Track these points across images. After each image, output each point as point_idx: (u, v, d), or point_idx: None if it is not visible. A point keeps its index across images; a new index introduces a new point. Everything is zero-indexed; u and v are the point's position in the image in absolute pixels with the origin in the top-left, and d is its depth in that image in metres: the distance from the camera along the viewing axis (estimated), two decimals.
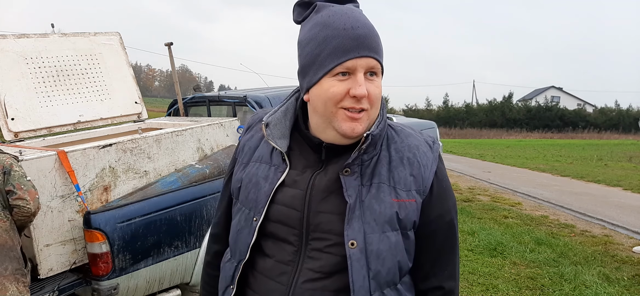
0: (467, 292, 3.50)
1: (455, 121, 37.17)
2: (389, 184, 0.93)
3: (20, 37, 3.06)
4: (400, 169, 0.94)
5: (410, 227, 0.93)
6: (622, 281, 3.68)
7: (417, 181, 0.94)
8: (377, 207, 0.91)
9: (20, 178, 2.10)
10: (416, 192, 0.93)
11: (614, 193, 7.81)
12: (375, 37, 0.90)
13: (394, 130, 1.00)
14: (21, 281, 2.09)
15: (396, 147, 0.97)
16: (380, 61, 0.90)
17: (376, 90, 0.90)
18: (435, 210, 0.95)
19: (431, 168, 0.96)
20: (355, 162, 0.92)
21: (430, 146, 0.99)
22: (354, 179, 0.92)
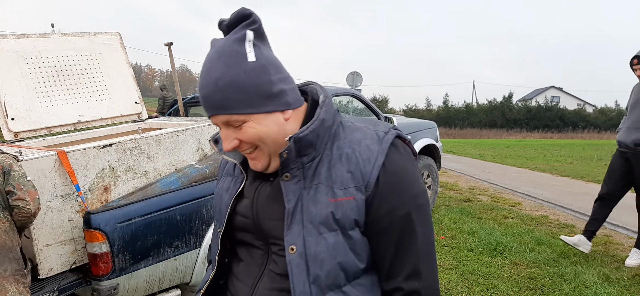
0: (467, 292, 3.50)
1: (455, 121, 37.17)
2: (326, 184, 0.91)
3: (20, 37, 3.06)
4: (338, 167, 0.91)
5: (352, 226, 0.90)
6: (622, 281, 3.68)
7: (354, 177, 0.90)
8: (313, 209, 0.90)
9: (20, 179, 2.10)
10: (355, 188, 0.90)
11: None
12: (221, 91, 0.85)
13: (343, 127, 0.97)
14: (21, 282, 2.09)
15: (339, 144, 0.94)
16: (235, 113, 0.87)
17: (246, 136, 0.89)
18: (384, 204, 0.90)
19: (375, 161, 0.90)
20: (292, 166, 0.92)
21: (379, 138, 0.93)
22: (295, 183, 0.92)
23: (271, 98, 0.87)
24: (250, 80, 0.85)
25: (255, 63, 0.85)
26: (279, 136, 0.90)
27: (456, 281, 3.68)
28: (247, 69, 0.85)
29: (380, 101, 37.45)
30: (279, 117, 0.90)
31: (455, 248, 4.44)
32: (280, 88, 0.88)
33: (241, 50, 0.85)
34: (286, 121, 0.91)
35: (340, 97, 5.65)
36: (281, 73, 0.90)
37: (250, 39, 0.86)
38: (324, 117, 0.92)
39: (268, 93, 0.87)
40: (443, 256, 4.26)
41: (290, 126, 0.92)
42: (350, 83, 15.37)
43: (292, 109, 0.92)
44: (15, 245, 2.10)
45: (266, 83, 0.86)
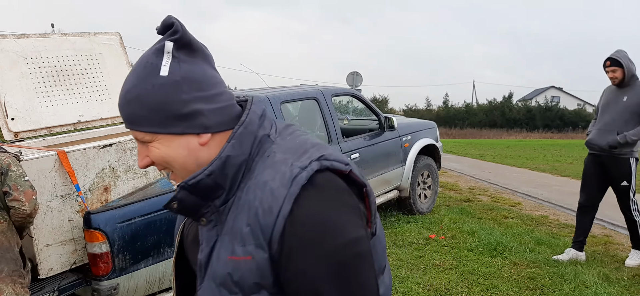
0: (467, 292, 3.50)
1: (455, 121, 37.17)
2: (230, 236, 0.77)
3: (20, 37, 3.06)
4: (240, 216, 0.76)
5: (254, 290, 0.75)
6: (622, 281, 3.68)
7: (253, 232, 0.74)
8: (215, 266, 0.78)
9: (17, 179, 2.08)
10: (255, 246, 0.74)
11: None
12: (128, 105, 0.78)
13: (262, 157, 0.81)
14: (18, 283, 2.08)
15: (250, 184, 0.78)
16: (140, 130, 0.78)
17: (155, 156, 0.80)
18: (293, 266, 0.72)
19: (280, 210, 0.72)
20: (204, 210, 0.81)
21: (290, 177, 0.73)
22: (210, 229, 0.81)
23: (180, 119, 0.77)
24: (156, 96, 0.76)
25: (166, 78, 0.76)
26: (188, 162, 0.80)
27: (456, 281, 3.68)
28: (155, 83, 0.76)
29: (380, 101, 37.46)
30: (190, 141, 0.79)
31: (455, 248, 4.44)
32: (194, 109, 0.77)
33: (155, 63, 0.77)
34: (202, 146, 0.80)
35: (340, 97, 5.66)
36: (203, 91, 0.78)
37: (168, 51, 0.77)
38: (230, 153, 0.78)
39: (176, 113, 0.76)
40: (443, 256, 4.26)
41: (206, 153, 0.80)
42: (350, 83, 15.38)
43: (211, 133, 0.79)
44: (13, 245, 2.09)
45: (175, 102, 0.76)
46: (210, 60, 0.83)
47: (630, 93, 3.82)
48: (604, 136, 3.88)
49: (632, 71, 3.81)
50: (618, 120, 3.82)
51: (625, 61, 3.79)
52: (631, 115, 3.78)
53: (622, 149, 3.80)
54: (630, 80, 3.82)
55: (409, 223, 5.29)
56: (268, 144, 0.82)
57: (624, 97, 3.83)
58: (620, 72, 3.81)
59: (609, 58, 3.86)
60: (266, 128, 0.84)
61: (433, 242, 4.64)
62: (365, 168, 4.66)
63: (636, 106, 3.76)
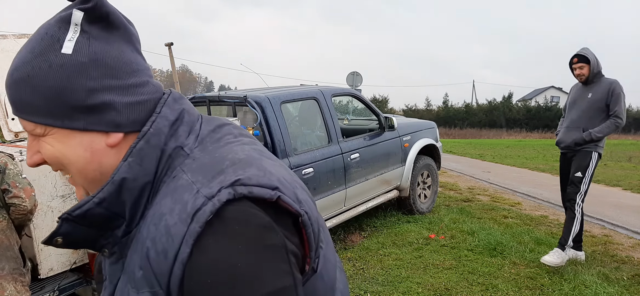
0: (467, 292, 3.50)
1: (455, 121, 37.17)
2: (127, 278, 0.63)
3: (20, 37, 3.06)
4: (134, 257, 0.62)
5: None
6: (622, 281, 3.69)
7: (146, 278, 0.58)
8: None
9: (15, 177, 2.09)
10: (151, 293, 0.58)
11: (614, 193, 7.82)
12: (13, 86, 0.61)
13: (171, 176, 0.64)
14: (19, 281, 2.08)
15: (147, 213, 0.63)
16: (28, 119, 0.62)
17: (47, 154, 0.64)
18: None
19: (178, 255, 0.56)
20: (103, 242, 0.65)
21: (192, 210, 0.57)
22: (114, 262, 0.67)
23: (83, 112, 0.61)
24: (53, 79, 0.59)
25: (70, 57, 0.59)
26: (88, 167, 0.63)
27: (456, 281, 3.69)
28: (53, 63, 0.59)
29: (380, 101, 37.46)
30: (95, 141, 0.63)
31: (455, 248, 4.45)
32: (103, 101, 0.61)
33: (57, 36, 0.60)
34: (109, 148, 0.63)
35: (340, 97, 5.66)
36: (117, 79, 0.62)
37: (76, 22, 0.60)
38: (126, 176, 0.62)
39: (78, 103, 0.60)
40: (443, 256, 4.27)
41: (114, 157, 0.64)
42: (350, 83, 15.38)
43: (124, 133, 0.64)
44: (12, 243, 2.10)
45: (78, 89, 0.60)
46: (134, 40, 0.66)
47: (594, 89, 3.82)
48: (570, 133, 3.90)
49: (598, 68, 3.82)
50: (583, 117, 3.84)
51: (592, 57, 3.79)
52: (595, 112, 3.78)
53: (587, 144, 3.83)
54: (595, 77, 3.82)
55: (408, 223, 5.30)
56: (180, 159, 0.65)
57: (588, 93, 3.84)
58: (587, 69, 3.81)
59: (577, 54, 3.86)
60: (180, 138, 0.66)
61: (433, 242, 4.65)
62: (365, 168, 4.67)
63: (600, 102, 3.77)
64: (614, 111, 3.74)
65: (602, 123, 3.76)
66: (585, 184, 3.85)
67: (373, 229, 5.15)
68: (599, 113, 3.78)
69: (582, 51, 3.85)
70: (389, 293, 3.50)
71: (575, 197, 3.87)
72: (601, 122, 3.77)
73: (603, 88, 3.78)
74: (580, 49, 3.88)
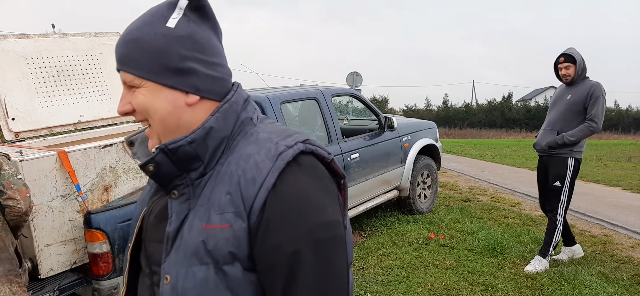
0: (467, 292, 3.51)
1: (454, 121, 37.18)
2: (206, 207, 0.76)
3: (21, 37, 3.06)
4: (219, 187, 0.76)
5: (228, 260, 0.73)
6: (622, 281, 3.69)
7: (233, 200, 0.73)
8: (188, 235, 0.75)
9: (10, 178, 2.07)
10: (234, 214, 0.73)
11: (614, 193, 7.82)
12: (125, 45, 0.77)
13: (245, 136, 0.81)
14: (15, 282, 2.06)
15: (230, 158, 0.78)
16: (130, 72, 0.77)
17: (138, 103, 0.78)
18: (270, 238, 0.71)
19: (263, 182, 0.72)
20: (178, 182, 0.79)
21: (276, 153, 0.74)
22: (181, 202, 0.79)
23: (173, 72, 0.76)
24: (156, 43, 0.76)
25: (172, 30, 0.76)
26: (169, 118, 0.78)
27: (456, 280, 3.69)
28: (158, 31, 0.76)
29: (380, 101, 37.46)
30: (178, 97, 0.77)
31: (455, 248, 4.45)
32: (190, 67, 0.77)
33: (165, 14, 0.77)
34: (188, 107, 0.78)
35: (340, 97, 5.66)
36: (203, 54, 0.78)
37: (181, 6, 0.78)
38: (213, 125, 0.78)
39: (171, 65, 0.76)
40: (443, 256, 4.27)
41: (190, 115, 0.79)
42: (350, 83, 15.38)
43: (200, 97, 0.79)
44: (7, 245, 2.08)
45: (173, 54, 0.76)
46: (219, 33, 0.83)
47: (574, 91, 3.67)
48: (546, 136, 3.77)
49: (583, 70, 3.68)
50: (560, 119, 3.70)
51: (578, 58, 3.65)
52: (573, 114, 3.63)
53: (561, 148, 3.67)
54: (579, 78, 3.68)
55: (408, 223, 5.30)
56: (250, 126, 0.82)
57: (568, 95, 3.70)
58: (573, 69, 3.66)
59: (563, 54, 3.70)
60: (249, 112, 0.84)
61: (433, 242, 4.65)
62: (365, 168, 4.67)
63: (578, 104, 3.61)
64: (590, 115, 3.56)
65: (578, 126, 3.60)
66: (566, 193, 3.73)
67: (373, 229, 5.15)
68: (576, 116, 3.63)
69: (569, 50, 3.70)
70: (388, 293, 3.50)
71: (556, 208, 3.76)
72: (577, 125, 3.61)
73: (583, 90, 3.62)
74: (566, 49, 3.73)
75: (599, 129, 3.60)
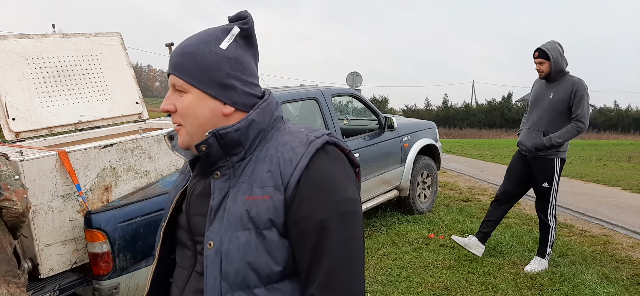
0: (467, 292, 3.51)
1: (454, 121, 37.17)
2: (248, 182, 0.92)
3: (21, 37, 3.06)
4: (261, 166, 0.92)
5: (267, 226, 0.89)
6: (621, 280, 3.69)
7: (273, 176, 0.90)
8: (231, 206, 0.90)
9: (7, 178, 2.05)
10: (273, 187, 0.89)
11: (613, 193, 7.82)
12: (182, 55, 0.93)
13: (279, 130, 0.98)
14: (13, 283, 2.06)
15: (268, 145, 0.95)
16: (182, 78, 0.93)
17: (180, 105, 0.94)
18: (302, 208, 0.88)
19: (298, 163, 0.89)
20: (221, 164, 0.94)
21: (307, 141, 0.92)
22: (223, 181, 0.94)
23: (218, 85, 0.92)
24: (208, 59, 0.91)
25: (223, 51, 0.92)
26: (207, 123, 0.94)
27: (456, 280, 3.69)
28: (212, 50, 0.92)
29: (380, 101, 37.45)
30: (217, 106, 0.93)
31: (455, 248, 4.45)
32: (232, 84, 0.93)
33: (220, 37, 0.93)
34: (224, 116, 0.94)
35: (340, 97, 5.66)
36: (244, 75, 0.94)
37: (234, 33, 0.94)
38: (255, 118, 0.95)
39: (217, 79, 0.92)
40: (442, 256, 4.27)
41: (225, 122, 0.95)
42: (350, 83, 15.38)
43: (235, 108, 0.95)
44: (5, 245, 2.07)
45: (221, 71, 0.92)
46: (257, 59, 1.00)
47: (556, 89, 3.55)
48: (531, 136, 3.66)
49: (560, 66, 3.54)
50: (544, 119, 3.59)
51: (554, 54, 3.51)
52: (557, 114, 3.53)
53: (548, 150, 3.60)
54: (558, 75, 3.55)
55: (408, 222, 5.30)
56: (281, 123, 1.00)
57: (550, 93, 3.58)
58: (547, 65, 3.55)
59: (538, 48, 3.58)
60: (280, 112, 1.01)
61: (432, 242, 4.65)
62: (365, 168, 4.67)
63: (562, 104, 3.51)
64: (576, 115, 3.47)
65: (564, 126, 3.52)
66: (554, 193, 3.70)
67: (373, 229, 5.15)
68: (561, 115, 3.53)
69: (545, 45, 3.57)
70: (388, 293, 3.51)
71: (547, 208, 3.73)
72: (563, 125, 3.52)
73: (566, 88, 3.51)
74: (545, 43, 3.59)
75: (586, 129, 3.53)
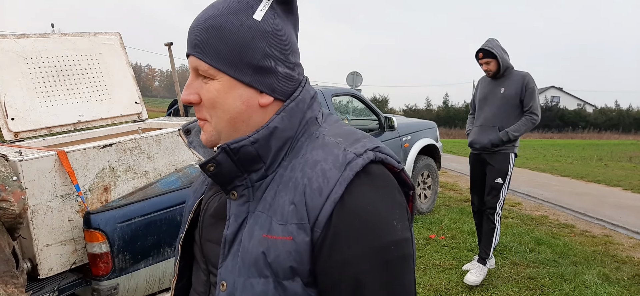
0: (467, 292, 3.50)
1: (455, 121, 37.17)
2: (267, 214, 0.71)
3: (20, 37, 3.06)
4: (283, 194, 0.71)
5: (289, 276, 0.69)
6: (622, 281, 3.68)
7: (298, 211, 0.68)
8: (247, 243, 0.71)
9: (4, 179, 2.05)
10: (297, 226, 0.68)
11: (614, 193, 7.81)
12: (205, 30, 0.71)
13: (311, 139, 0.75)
14: (11, 283, 2.05)
15: (295, 162, 0.73)
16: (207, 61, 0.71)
17: (209, 95, 0.72)
18: (336, 254, 0.67)
19: (331, 192, 0.67)
20: (238, 183, 0.74)
21: (344, 161, 0.69)
22: (241, 204, 0.74)
23: (253, 69, 0.71)
24: (240, 35, 0.70)
25: (258, 23, 0.70)
26: (239, 117, 0.73)
27: (456, 281, 3.68)
28: (244, 22, 0.70)
29: (380, 101, 37.45)
30: (252, 96, 0.73)
31: (455, 248, 4.44)
32: (271, 66, 0.72)
33: (252, 4, 0.71)
34: (260, 108, 0.73)
35: (340, 97, 5.65)
36: (284, 53, 0.73)
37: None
38: (278, 125, 0.73)
39: (252, 62, 0.71)
40: (443, 256, 4.26)
41: (261, 116, 0.74)
42: (350, 83, 15.37)
43: (274, 98, 0.74)
44: (3, 246, 2.07)
45: (256, 49, 0.70)
46: (297, 29, 0.78)
47: (506, 84, 3.53)
48: (486, 133, 3.58)
49: (507, 62, 3.53)
50: (498, 114, 3.54)
51: (498, 51, 3.48)
52: (510, 108, 3.51)
53: (504, 145, 3.55)
54: (506, 71, 3.54)
55: None
56: (315, 127, 0.77)
57: (501, 88, 3.55)
58: (494, 64, 3.51)
59: (482, 49, 3.52)
60: (315, 111, 0.78)
61: (433, 242, 4.64)
62: None
63: (514, 98, 3.49)
64: (529, 107, 3.47)
65: (517, 120, 3.50)
66: (505, 190, 3.61)
67: None
68: (514, 109, 3.51)
69: (487, 45, 3.51)
70: None
71: (495, 206, 3.60)
72: (516, 119, 3.50)
73: (516, 82, 3.49)
74: (485, 42, 3.55)
75: (539, 120, 3.51)
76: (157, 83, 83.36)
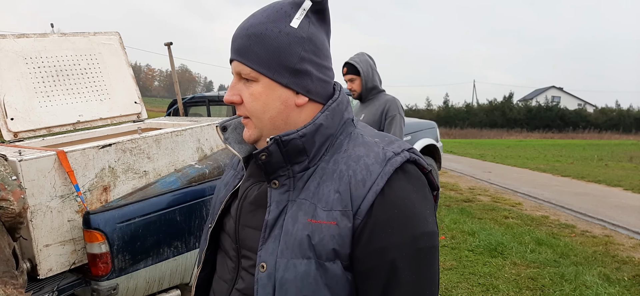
0: (468, 292, 3.49)
1: (455, 121, 37.17)
2: (311, 201, 0.78)
3: (20, 37, 3.05)
4: (327, 184, 0.78)
5: (331, 258, 0.75)
6: (623, 281, 3.67)
7: (342, 199, 0.76)
8: (291, 227, 0.77)
9: (4, 179, 2.05)
10: (341, 213, 0.75)
11: (615, 194, 7.80)
12: (247, 38, 0.79)
13: (350, 138, 0.84)
14: (10, 284, 2.05)
15: (337, 157, 0.80)
16: (250, 65, 0.79)
17: (249, 98, 0.81)
18: (374, 241, 0.74)
19: (373, 184, 0.75)
20: (282, 173, 0.81)
21: (384, 158, 0.77)
22: (282, 193, 0.81)
23: (290, 72, 0.79)
24: (279, 41, 0.78)
25: (295, 30, 0.78)
26: (278, 116, 0.81)
27: (456, 281, 3.68)
28: (282, 29, 0.78)
29: None
30: (289, 97, 0.80)
31: (456, 249, 4.44)
32: (306, 69, 0.79)
33: (289, 12, 0.79)
34: (296, 107, 0.81)
35: None
36: (318, 58, 0.81)
37: (305, 8, 0.80)
38: (323, 122, 0.81)
39: (289, 65, 0.78)
40: (443, 256, 4.26)
41: (297, 115, 0.82)
42: None
43: (309, 99, 0.82)
44: (3, 246, 2.06)
45: (293, 54, 0.78)
46: (330, 36, 0.86)
47: (367, 110, 2.97)
48: None
49: (372, 82, 2.94)
50: None
51: (364, 67, 2.91)
52: None
53: None
54: (371, 93, 2.96)
55: None
56: (351, 127, 0.85)
57: (361, 115, 2.99)
58: (358, 83, 2.93)
59: (346, 63, 2.97)
60: (350, 113, 0.87)
61: None
62: None
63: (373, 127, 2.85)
64: None
65: None
66: None
67: None
68: None
69: (353, 59, 2.95)
70: None
71: None
72: None
73: (377, 109, 2.92)
74: (353, 56, 2.99)
75: None
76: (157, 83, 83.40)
